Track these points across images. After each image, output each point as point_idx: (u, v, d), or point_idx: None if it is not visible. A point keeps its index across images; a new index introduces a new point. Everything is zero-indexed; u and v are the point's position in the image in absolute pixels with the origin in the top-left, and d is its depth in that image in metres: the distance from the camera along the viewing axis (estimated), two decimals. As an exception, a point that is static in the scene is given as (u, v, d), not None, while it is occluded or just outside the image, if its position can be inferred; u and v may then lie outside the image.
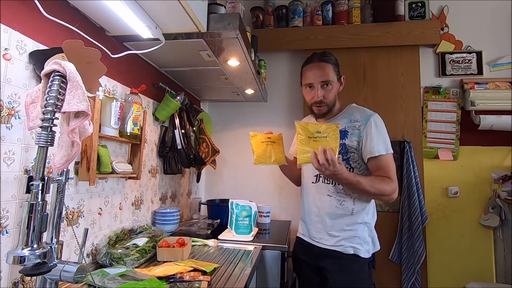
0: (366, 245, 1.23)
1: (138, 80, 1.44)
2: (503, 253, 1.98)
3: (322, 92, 1.24)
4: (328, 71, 1.24)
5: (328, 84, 1.24)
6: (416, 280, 1.90)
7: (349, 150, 1.23)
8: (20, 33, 0.85)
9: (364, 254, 1.21)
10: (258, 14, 2.33)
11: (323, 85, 1.24)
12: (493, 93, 2.05)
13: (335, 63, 1.28)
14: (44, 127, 0.70)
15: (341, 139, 1.19)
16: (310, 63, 1.28)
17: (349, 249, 1.22)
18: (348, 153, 1.23)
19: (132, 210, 1.44)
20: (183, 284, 0.95)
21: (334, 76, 1.26)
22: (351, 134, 1.23)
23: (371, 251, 1.24)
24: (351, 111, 1.29)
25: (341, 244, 1.23)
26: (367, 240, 1.24)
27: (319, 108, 1.27)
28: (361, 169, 1.24)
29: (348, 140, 1.23)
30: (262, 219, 1.82)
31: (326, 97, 1.25)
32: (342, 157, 1.23)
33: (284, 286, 1.44)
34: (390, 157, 1.20)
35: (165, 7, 1.02)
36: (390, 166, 1.19)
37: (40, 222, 0.69)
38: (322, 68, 1.24)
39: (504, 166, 2.06)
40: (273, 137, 1.34)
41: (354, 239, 1.22)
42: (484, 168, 2.09)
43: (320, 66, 1.25)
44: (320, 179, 1.31)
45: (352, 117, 1.26)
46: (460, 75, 2.17)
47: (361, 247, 1.22)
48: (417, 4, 2.14)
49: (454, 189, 2.11)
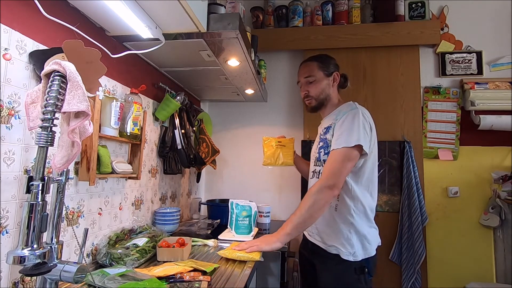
0: (350, 247, 1.16)
1: (138, 80, 1.44)
2: (503, 253, 1.98)
3: (306, 87, 1.34)
4: (311, 68, 1.34)
5: (310, 78, 1.33)
6: (416, 280, 1.90)
7: (329, 144, 1.24)
8: (20, 33, 0.85)
9: (346, 256, 1.15)
10: (258, 14, 2.33)
11: (307, 81, 1.34)
12: (493, 93, 2.05)
13: (320, 61, 1.35)
14: (44, 127, 0.70)
15: (325, 134, 1.28)
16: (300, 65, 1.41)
17: (331, 248, 1.19)
18: (329, 147, 1.23)
19: (132, 210, 1.44)
20: (183, 284, 0.95)
21: (319, 72, 1.33)
22: (332, 129, 1.24)
23: (360, 256, 1.16)
24: (343, 108, 1.30)
25: (324, 242, 1.22)
26: (353, 242, 1.16)
27: (308, 101, 1.36)
28: None
29: (328, 135, 1.26)
30: (262, 219, 1.82)
31: (311, 90, 1.33)
32: (324, 151, 1.26)
33: (284, 286, 1.45)
34: (342, 151, 1.13)
35: (165, 7, 1.02)
36: (334, 160, 1.14)
37: (40, 222, 0.69)
38: (306, 65, 1.37)
39: (504, 166, 2.06)
40: (283, 141, 1.43)
41: (337, 239, 1.18)
42: (484, 168, 2.09)
43: (304, 64, 1.38)
44: (315, 175, 1.32)
45: (340, 113, 1.26)
46: (460, 75, 2.17)
47: (344, 249, 1.16)
48: (417, 4, 2.14)
49: (454, 189, 2.11)
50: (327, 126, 1.29)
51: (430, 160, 2.14)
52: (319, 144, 1.30)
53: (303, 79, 1.35)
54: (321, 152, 1.27)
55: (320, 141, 1.31)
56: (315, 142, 1.40)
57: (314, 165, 1.33)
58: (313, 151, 1.37)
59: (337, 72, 1.36)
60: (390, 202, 2.04)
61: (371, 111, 1.30)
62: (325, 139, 1.27)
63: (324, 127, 1.32)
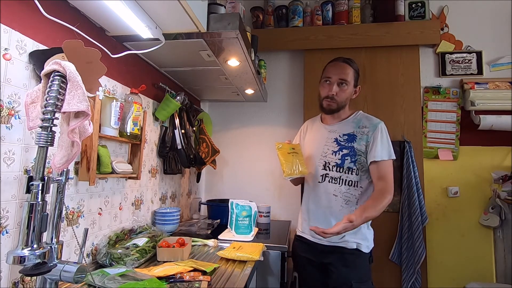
0: (366, 241, 1.30)
1: (138, 80, 1.44)
2: (503, 253, 1.98)
3: (337, 89, 1.32)
4: (348, 72, 1.33)
5: (345, 83, 1.32)
6: (416, 280, 1.90)
7: (357, 153, 1.30)
8: (20, 33, 0.85)
9: (365, 249, 1.29)
10: (258, 14, 2.33)
11: (340, 83, 1.32)
12: (493, 93, 2.05)
13: (356, 70, 1.37)
14: (44, 127, 0.70)
15: (349, 143, 1.31)
16: (334, 61, 1.38)
17: (352, 244, 1.27)
18: (356, 156, 1.30)
19: (132, 210, 1.44)
20: (183, 284, 0.95)
21: (352, 79, 1.34)
22: (359, 139, 1.30)
23: (370, 247, 1.32)
24: (360, 117, 1.37)
25: (346, 240, 1.28)
26: (367, 236, 1.31)
27: (329, 103, 1.34)
28: (363, 170, 1.30)
29: (356, 144, 1.30)
30: (262, 219, 1.83)
31: (339, 94, 1.32)
32: (351, 159, 1.30)
33: (284, 286, 1.44)
34: (390, 163, 1.28)
35: (165, 7, 1.02)
36: (389, 173, 1.27)
37: (40, 222, 0.69)
38: (344, 67, 1.33)
39: (504, 166, 2.06)
40: (296, 147, 1.38)
41: (357, 235, 1.28)
42: (484, 168, 2.09)
43: (343, 65, 1.34)
44: (326, 178, 1.33)
45: (361, 123, 1.34)
46: (460, 75, 2.17)
47: (363, 242, 1.28)
48: (417, 4, 2.14)
49: (454, 189, 2.11)
50: (347, 134, 1.33)
51: (430, 160, 2.14)
52: (342, 151, 1.31)
53: (337, 79, 1.31)
54: (346, 159, 1.30)
55: (341, 148, 1.32)
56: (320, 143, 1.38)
57: (324, 169, 1.34)
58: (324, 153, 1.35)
59: (360, 87, 1.40)
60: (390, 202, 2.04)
61: (371, 111, 1.33)
62: (351, 148, 1.30)
63: (342, 133, 1.34)
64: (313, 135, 1.46)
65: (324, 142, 1.37)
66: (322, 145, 1.37)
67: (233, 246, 1.34)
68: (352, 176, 1.30)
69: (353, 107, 1.44)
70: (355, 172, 1.30)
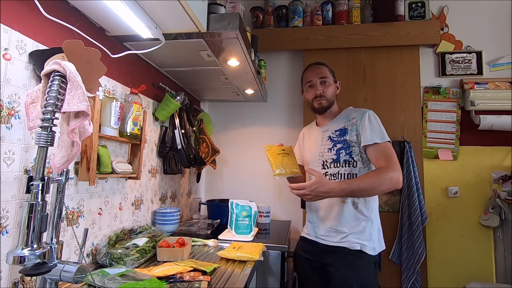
0: (372, 242, 1.25)
1: (138, 80, 1.44)
2: (503, 253, 1.98)
3: (321, 87, 1.38)
4: (325, 71, 1.41)
5: (326, 80, 1.39)
6: (416, 280, 1.90)
7: (350, 144, 1.30)
8: (20, 33, 0.85)
9: (370, 251, 1.23)
10: (258, 14, 2.33)
11: (322, 82, 1.39)
12: (493, 93, 2.05)
13: (330, 69, 1.44)
14: (44, 127, 0.70)
15: (341, 136, 1.33)
16: (308, 67, 1.47)
17: (355, 245, 1.24)
18: (350, 148, 1.30)
19: (132, 210, 1.44)
20: (183, 284, 0.95)
21: (331, 76, 1.42)
22: (350, 130, 1.32)
23: (377, 249, 1.26)
24: (349, 112, 1.40)
25: (348, 240, 1.25)
26: (373, 237, 1.26)
27: (320, 101, 1.38)
28: (363, 161, 1.29)
29: (348, 136, 1.31)
30: (262, 219, 1.83)
31: (325, 91, 1.38)
32: (345, 152, 1.30)
33: (284, 286, 1.44)
34: (386, 144, 1.24)
35: (165, 7, 1.02)
36: (389, 153, 1.22)
37: (40, 222, 0.69)
38: (319, 68, 1.42)
39: (504, 166, 2.06)
40: (286, 149, 1.39)
41: (361, 235, 1.25)
42: (484, 168, 2.09)
43: (317, 67, 1.43)
44: (326, 176, 1.33)
45: (350, 116, 1.36)
46: (460, 75, 2.17)
47: (368, 243, 1.24)
48: (417, 4, 2.14)
49: (454, 189, 2.11)
50: (339, 129, 1.34)
51: (430, 160, 2.14)
52: (336, 146, 1.32)
53: (318, 79, 1.38)
54: (341, 153, 1.30)
55: (335, 143, 1.33)
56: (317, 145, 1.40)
57: (323, 168, 1.35)
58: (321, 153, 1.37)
59: (340, 82, 1.46)
60: (390, 202, 2.04)
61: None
62: (344, 141, 1.31)
63: (334, 130, 1.36)
64: (310, 140, 1.47)
65: (320, 143, 1.39)
66: (319, 146, 1.39)
67: (233, 246, 1.34)
68: (350, 168, 1.28)
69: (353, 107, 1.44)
70: (353, 164, 1.28)
